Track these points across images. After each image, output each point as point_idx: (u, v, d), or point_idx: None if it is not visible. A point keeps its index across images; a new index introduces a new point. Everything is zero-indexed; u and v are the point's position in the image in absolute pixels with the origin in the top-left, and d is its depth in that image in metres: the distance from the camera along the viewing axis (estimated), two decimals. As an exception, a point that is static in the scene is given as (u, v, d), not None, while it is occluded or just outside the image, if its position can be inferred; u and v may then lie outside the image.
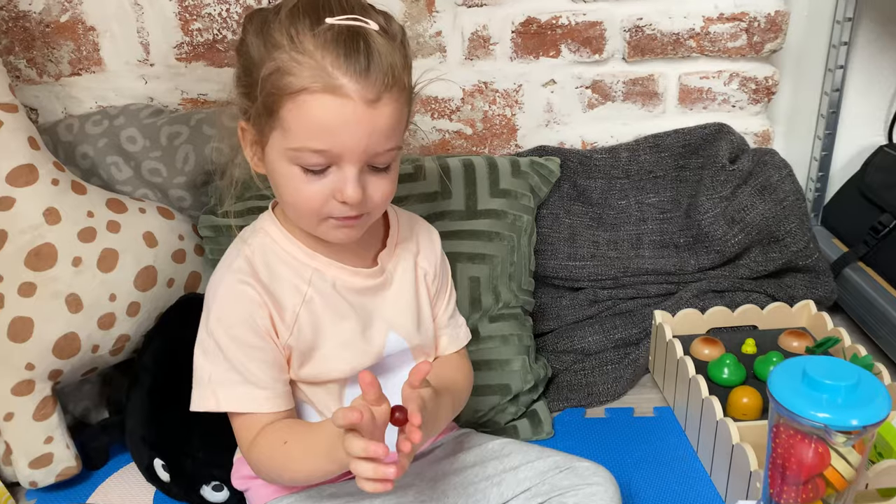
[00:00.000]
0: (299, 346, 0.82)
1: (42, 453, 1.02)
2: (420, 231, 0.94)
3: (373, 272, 0.86)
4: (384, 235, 0.90)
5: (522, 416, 1.14)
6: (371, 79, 0.71)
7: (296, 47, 0.71)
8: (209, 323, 0.80)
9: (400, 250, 0.90)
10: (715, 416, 1.00)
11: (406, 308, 0.88)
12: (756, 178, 1.28)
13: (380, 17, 0.76)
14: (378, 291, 0.86)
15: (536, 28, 1.26)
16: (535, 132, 1.34)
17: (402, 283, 0.88)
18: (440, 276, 0.94)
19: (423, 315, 0.90)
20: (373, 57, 0.71)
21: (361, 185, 0.75)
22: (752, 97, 1.33)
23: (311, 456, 0.76)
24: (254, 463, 0.81)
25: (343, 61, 0.71)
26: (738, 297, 1.27)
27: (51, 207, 1.02)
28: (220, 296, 0.80)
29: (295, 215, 0.80)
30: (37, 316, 1.00)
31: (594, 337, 1.26)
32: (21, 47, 1.23)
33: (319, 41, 0.71)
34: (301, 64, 0.71)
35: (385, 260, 0.88)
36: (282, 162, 0.75)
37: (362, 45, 0.71)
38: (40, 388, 1.02)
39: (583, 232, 1.32)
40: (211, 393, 0.79)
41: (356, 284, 0.85)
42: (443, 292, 0.94)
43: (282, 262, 0.82)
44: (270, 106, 0.73)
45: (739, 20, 1.27)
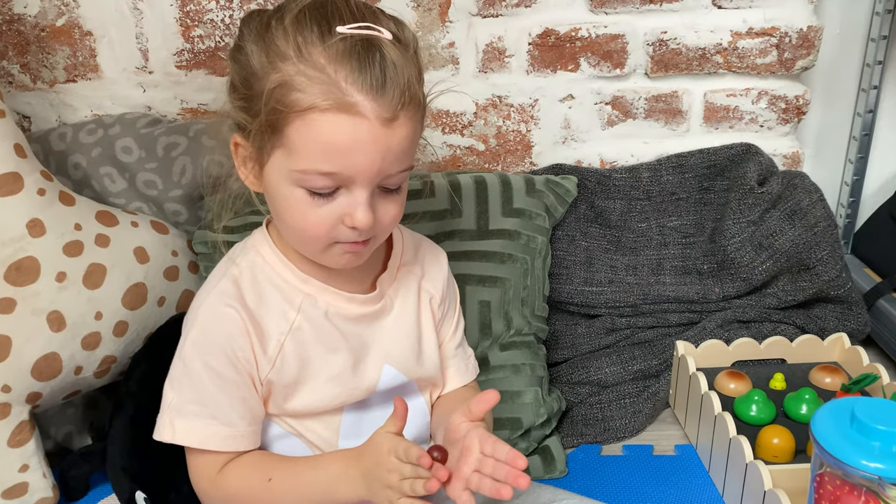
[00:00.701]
0: (281, 381, 0.75)
1: (16, 482, 0.95)
2: (426, 252, 0.87)
3: (370, 298, 0.79)
4: (385, 257, 0.83)
5: (534, 453, 1.06)
6: (387, 96, 0.65)
7: (304, 59, 0.65)
8: (184, 348, 0.74)
9: (402, 274, 0.83)
10: (744, 458, 0.92)
11: (405, 337, 0.82)
12: (785, 202, 1.21)
13: (391, 23, 0.70)
14: (375, 319, 0.80)
15: (554, 40, 1.20)
16: (550, 149, 1.28)
17: (403, 309, 0.82)
18: (447, 301, 0.87)
19: (426, 345, 0.83)
20: (388, 71, 0.66)
21: (374, 209, 0.69)
22: (782, 117, 1.27)
23: (303, 493, 0.70)
24: (220, 501, 0.74)
25: (357, 76, 0.65)
26: (765, 329, 1.20)
27: (35, 219, 0.96)
28: (200, 319, 0.74)
29: (298, 241, 0.74)
30: (15, 334, 0.93)
31: (611, 368, 1.19)
32: (15, 52, 1.18)
33: (331, 53, 0.65)
34: (311, 79, 0.65)
35: (385, 284, 0.81)
36: (285, 184, 0.69)
37: (378, 58, 0.65)
38: (17, 412, 0.95)
39: (600, 256, 1.25)
40: (168, 422, 0.73)
41: (351, 312, 0.78)
42: (449, 318, 0.88)
43: (271, 286, 0.76)
44: (274, 123, 0.67)
45: (770, 35, 1.21)
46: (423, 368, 0.83)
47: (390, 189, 0.71)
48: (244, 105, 0.70)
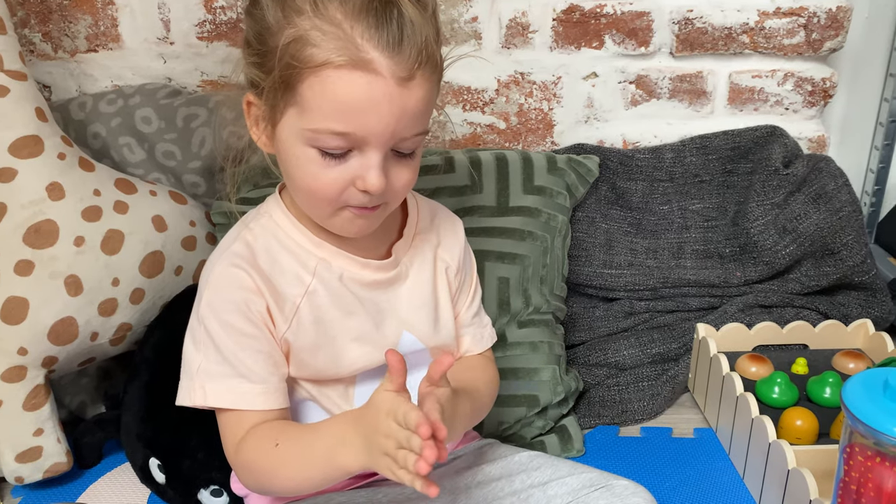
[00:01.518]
0: (299, 342, 0.74)
1: (30, 446, 0.95)
2: (442, 220, 0.86)
3: (384, 265, 0.78)
4: (401, 225, 0.82)
5: (550, 432, 1.05)
6: (404, 53, 0.64)
7: (320, 14, 0.63)
8: (200, 309, 0.72)
9: (418, 241, 0.82)
10: (767, 438, 0.91)
11: (422, 305, 0.80)
12: (810, 185, 1.19)
13: None
14: (391, 286, 0.79)
15: (579, 16, 1.18)
16: (573, 128, 1.26)
17: (419, 277, 0.81)
18: (463, 270, 0.85)
19: (442, 313, 0.82)
20: (406, 28, 0.64)
21: (387, 173, 0.68)
22: (808, 99, 1.25)
23: (307, 459, 0.68)
24: (239, 468, 0.72)
25: (374, 33, 0.63)
26: (788, 314, 1.18)
27: (55, 182, 0.96)
28: (213, 280, 0.72)
29: (308, 203, 0.72)
30: (33, 297, 0.93)
31: (630, 351, 1.17)
32: (37, 20, 1.17)
33: (347, 9, 0.63)
34: (326, 34, 0.63)
35: (400, 252, 0.80)
36: (297, 143, 0.67)
37: (395, 15, 0.64)
38: (32, 376, 0.95)
39: (620, 238, 1.24)
40: (199, 386, 0.71)
41: (365, 278, 0.77)
42: (466, 287, 0.86)
43: (285, 250, 0.75)
44: (288, 80, 0.65)
45: (798, 15, 1.19)
46: (440, 336, 0.82)
47: (404, 153, 0.69)
48: (258, 61, 0.68)
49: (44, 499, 0.97)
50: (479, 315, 0.88)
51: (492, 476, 0.82)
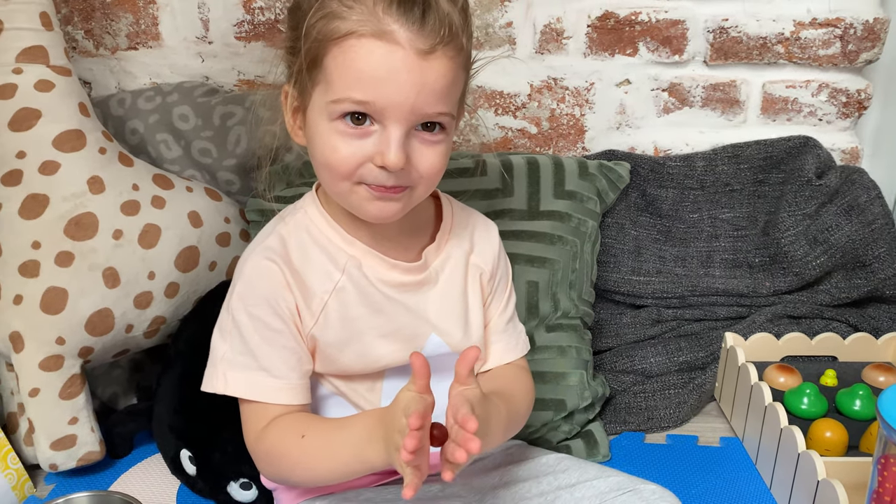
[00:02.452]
0: (325, 338, 0.75)
1: (65, 434, 0.96)
2: (476, 226, 0.86)
3: (414, 267, 0.78)
4: (434, 229, 0.82)
5: (577, 436, 1.05)
6: (426, 28, 0.65)
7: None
8: (231, 300, 0.74)
9: (450, 246, 0.82)
10: (796, 449, 0.90)
11: (451, 311, 0.80)
12: (843, 196, 1.18)
13: None
14: (419, 289, 0.79)
15: (614, 23, 1.19)
16: (604, 135, 1.26)
17: (450, 282, 0.81)
18: (497, 276, 0.85)
19: (472, 319, 0.82)
20: (429, 5, 0.66)
21: (406, 152, 0.67)
22: (842, 111, 1.24)
23: (333, 453, 0.69)
24: (261, 457, 0.74)
25: (396, 8, 0.65)
26: (817, 325, 1.18)
27: (95, 176, 0.98)
28: (245, 272, 0.74)
29: (328, 178, 0.72)
30: (72, 288, 0.95)
31: (657, 358, 1.17)
32: (80, 17, 1.20)
33: None
34: (350, 7, 0.65)
35: (431, 255, 0.80)
36: (321, 120, 0.69)
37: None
38: (69, 365, 0.97)
39: (649, 245, 1.24)
40: (221, 373, 0.73)
41: (394, 279, 0.77)
42: (500, 294, 0.86)
43: (316, 245, 0.76)
44: (315, 55, 0.67)
45: (834, 26, 1.18)
46: (469, 341, 0.81)
47: (428, 135, 0.69)
48: (291, 45, 0.71)
49: (76, 487, 0.99)
50: (512, 322, 0.88)
51: (519, 477, 0.83)
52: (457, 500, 0.79)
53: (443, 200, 0.84)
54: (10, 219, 0.95)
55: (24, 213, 0.95)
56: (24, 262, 0.94)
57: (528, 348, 0.89)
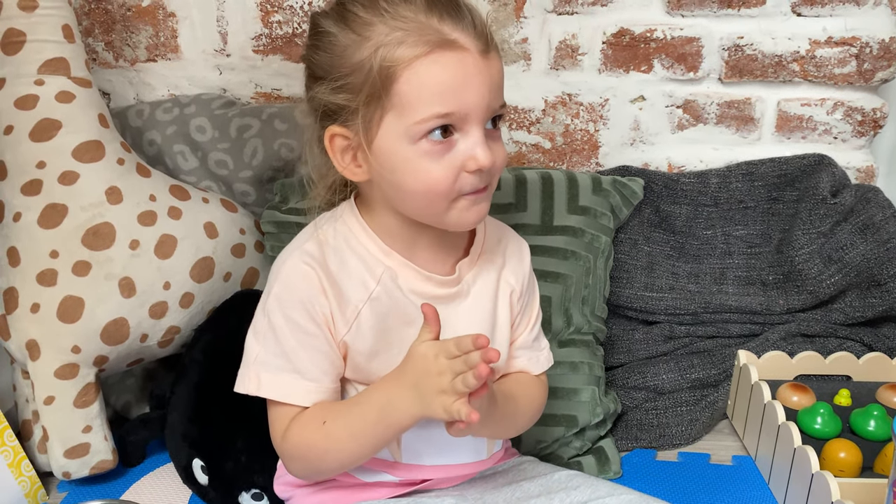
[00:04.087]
0: (356, 345, 0.75)
1: (79, 442, 0.97)
2: (509, 243, 0.86)
3: (447, 280, 0.79)
4: (468, 243, 0.82)
5: (588, 453, 1.05)
6: (478, 29, 0.69)
7: (393, 16, 0.68)
8: (267, 302, 0.75)
9: (483, 261, 0.82)
10: (809, 469, 0.90)
11: (480, 325, 0.80)
12: (858, 215, 1.18)
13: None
14: (451, 302, 0.79)
15: (629, 40, 1.19)
16: (618, 151, 1.27)
17: (481, 297, 0.81)
18: (526, 294, 0.86)
19: (499, 335, 0.82)
20: (473, 11, 0.70)
21: (491, 148, 0.71)
22: (857, 129, 1.24)
23: (358, 428, 0.71)
24: (287, 454, 0.75)
25: (448, 17, 0.68)
26: (831, 344, 1.17)
27: (113, 186, 0.99)
28: (283, 275, 0.75)
29: (423, 204, 0.72)
30: (88, 297, 0.96)
31: (669, 375, 1.16)
32: (101, 30, 1.21)
33: (414, 6, 0.68)
34: (407, 31, 0.67)
35: (464, 269, 0.80)
36: (403, 145, 0.69)
37: (458, 2, 0.70)
38: (84, 374, 0.97)
39: (662, 262, 1.24)
40: (254, 374, 0.74)
41: (427, 291, 0.78)
42: (528, 312, 0.87)
43: (354, 254, 0.77)
44: (383, 85, 0.68)
45: (850, 45, 1.18)
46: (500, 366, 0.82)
47: (494, 131, 0.73)
48: (341, 85, 0.70)
49: (88, 495, 0.99)
50: (538, 339, 0.88)
51: (531, 493, 0.83)
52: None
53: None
54: (30, 228, 0.96)
55: (43, 223, 0.96)
56: (42, 270, 0.95)
57: (550, 363, 0.89)
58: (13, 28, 0.96)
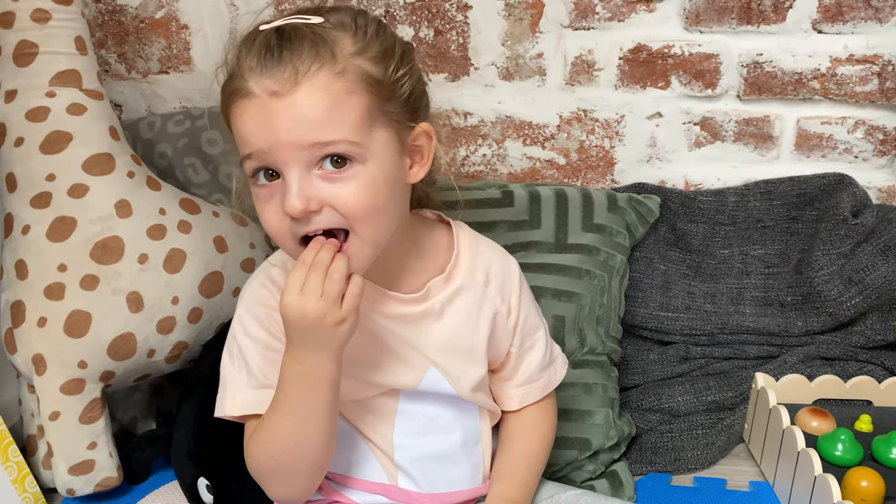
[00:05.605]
0: None
1: (83, 459, 0.96)
2: (493, 261, 0.82)
3: (412, 298, 0.76)
4: (446, 262, 0.79)
5: (601, 476, 1.02)
6: (279, 70, 0.64)
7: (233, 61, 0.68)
8: (233, 324, 0.77)
9: (462, 280, 0.79)
10: (831, 499, 0.87)
11: (456, 345, 0.78)
12: (879, 236, 1.16)
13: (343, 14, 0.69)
14: (420, 320, 0.77)
15: (646, 56, 1.18)
16: (634, 167, 1.25)
17: (458, 317, 0.78)
18: (523, 320, 0.82)
19: (476, 357, 0.79)
20: (285, 47, 0.64)
21: (308, 194, 0.65)
22: (879, 148, 1.22)
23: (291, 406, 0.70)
24: (254, 458, 0.74)
25: (255, 62, 0.65)
26: (851, 368, 1.14)
27: (123, 200, 0.98)
28: (244, 298, 0.77)
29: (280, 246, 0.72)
30: (96, 311, 0.95)
31: (684, 397, 1.14)
32: (114, 41, 1.21)
33: (247, 48, 0.66)
34: (230, 76, 0.67)
35: (436, 287, 0.77)
36: (249, 185, 0.70)
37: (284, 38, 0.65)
38: (90, 389, 0.96)
39: (678, 281, 1.22)
40: (230, 396, 0.75)
41: (392, 310, 0.76)
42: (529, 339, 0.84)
43: None
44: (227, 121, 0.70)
45: (872, 63, 1.16)
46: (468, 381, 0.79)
47: (334, 172, 0.66)
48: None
49: (91, 512, 0.98)
50: (547, 369, 0.86)
51: None
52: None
53: (453, 229, 0.82)
54: (38, 241, 0.95)
55: (51, 236, 0.95)
56: (49, 284, 0.94)
57: (566, 367, 0.88)
58: (26, 40, 0.95)
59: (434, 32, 1.19)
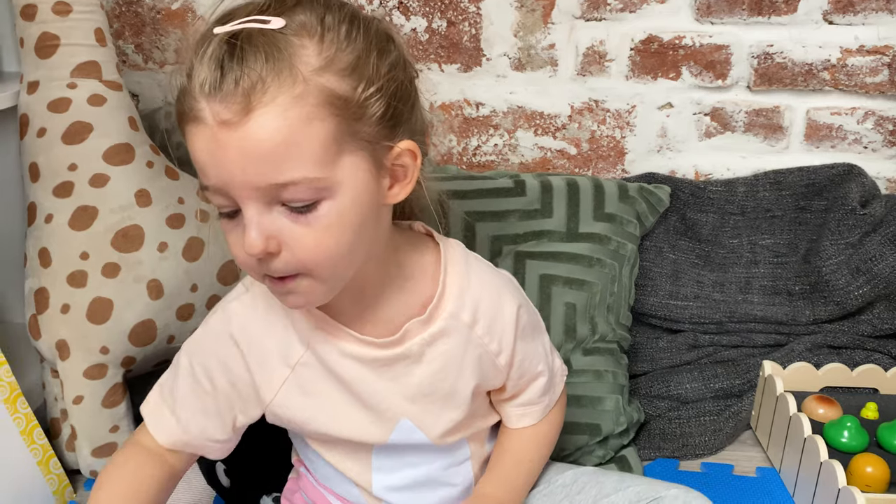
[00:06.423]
0: (286, 412, 0.72)
1: (106, 442, 0.99)
2: (483, 296, 0.73)
3: (387, 343, 0.69)
4: (428, 301, 0.71)
5: (610, 461, 1.04)
6: (230, 93, 0.55)
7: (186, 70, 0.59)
8: (188, 341, 0.73)
9: (443, 321, 0.71)
10: (836, 484, 0.89)
11: (435, 391, 0.72)
12: (888, 226, 1.17)
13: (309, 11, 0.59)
14: (395, 364, 0.70)
15: (657, 47, 1.19)
16: (644, 158, 1.26)
17: (440, 359, 0.71)
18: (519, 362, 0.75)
19: (456, 402, 0.73)
20: (235, 64, 0.55)
21: (268, 233, 0.59)
22: (888, 139, 1.23)
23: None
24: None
25: (206, 80, 0.56)
26: (858, 356, 1.16)
27: (143, 189, 1.00)
28: (208, 327, 0.73)
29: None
30: (117, 298, 0.97)
31: (692, 384, 1.16)
32: (131, 32, 1.23)
33: (199, 57, 0.57)
34: (183, 90, 0.59)
35: (415, 330, 0.70)
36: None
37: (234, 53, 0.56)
38: (112, 374, 0.99)
39: (687, 270, 1.23)
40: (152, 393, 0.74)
41: (363, 354, 0.69)
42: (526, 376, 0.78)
43: (282, 316, 0.70)
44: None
45: (882, 54, 1.17)
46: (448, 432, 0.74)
47: (298, 214, 0.59)
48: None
49: (114, 494, 1.00)
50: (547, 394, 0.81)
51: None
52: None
53: (444, 265, 0.72)
54: (61, 230, 0.97)
55: (73, 225, 0.97)
56: (72, 272, 0.97)
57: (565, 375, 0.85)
58: (47, 32, 0.97)
59: (447, 23, 1.21)
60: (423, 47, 1.22)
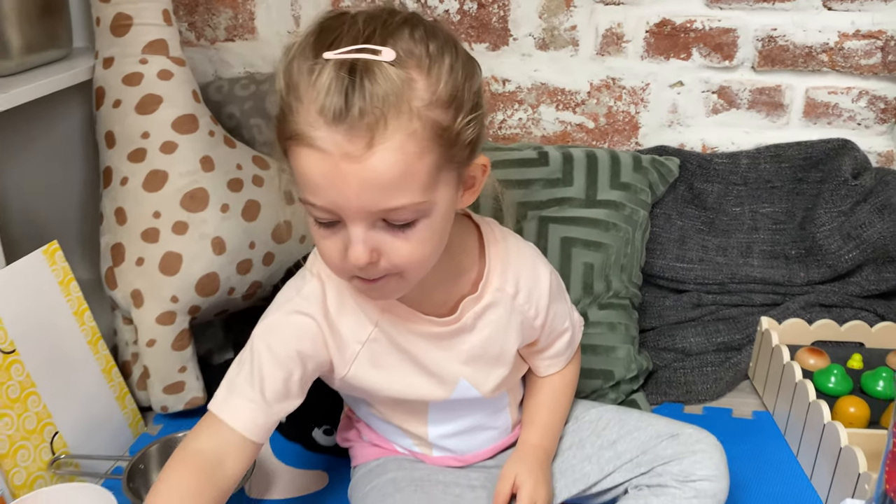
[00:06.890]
0: (358, 381, 0.79)
1: (176, 381, 1.10)
2: (522, 270, 0.82)
3: (448, 321, 0.78)
4: (478, 276, 0.80)
5: (622, 404, 1.15)
6: (355, 128, 0.59)
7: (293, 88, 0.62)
8: (258, 328, 0.76)
9: (492, 295, 0.80)
10: (822, 420, 0.99)
11: (485, 354, 0.82)
12: (877, 196, 1.27)
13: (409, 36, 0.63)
14: (452, 338, 0.80)
15: (670, 30, 1.28)
16: (656, 132, 1.36)
17: (490, 327, 0.81)
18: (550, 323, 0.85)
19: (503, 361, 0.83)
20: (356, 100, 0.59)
21: (372, 246, 0.65)
22: (880, 116, 1.33)
23: None
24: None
25: (326, 108, 0.60)
26: (847, 314, 1.26)
27: (206, 156, 1.10)
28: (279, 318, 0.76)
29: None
30: (186, 253, 1.07)
31: (696, 338, 1.26)
32: (185, 11, 1.32)
33: (312, 81, 0.61)
34: (293, 110, 0.62)
35: (468, 306, 0.79)
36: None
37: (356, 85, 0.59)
38: (180, 321, 1.09)
39: (693, 235, 1.33)
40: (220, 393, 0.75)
41: (427, 331, 0.78)
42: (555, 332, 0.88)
43: (351, 297, 0.77)
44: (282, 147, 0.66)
45: (876, 38, 1.27)
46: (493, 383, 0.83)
47: (396, 230, 0.65)
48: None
49: (180, 427, 1.10)
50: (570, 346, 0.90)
51: (563, 446, 0.91)
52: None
53: (486, 244, 0.81)
54: (135, 191, 1.07)
55: (146, 187, 1.07)
56: (145, 229, 1.07)
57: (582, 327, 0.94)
58: (122, 12, 1.07)
59: (477, 6, 1.30)
60: (454, 27, 1.31)
